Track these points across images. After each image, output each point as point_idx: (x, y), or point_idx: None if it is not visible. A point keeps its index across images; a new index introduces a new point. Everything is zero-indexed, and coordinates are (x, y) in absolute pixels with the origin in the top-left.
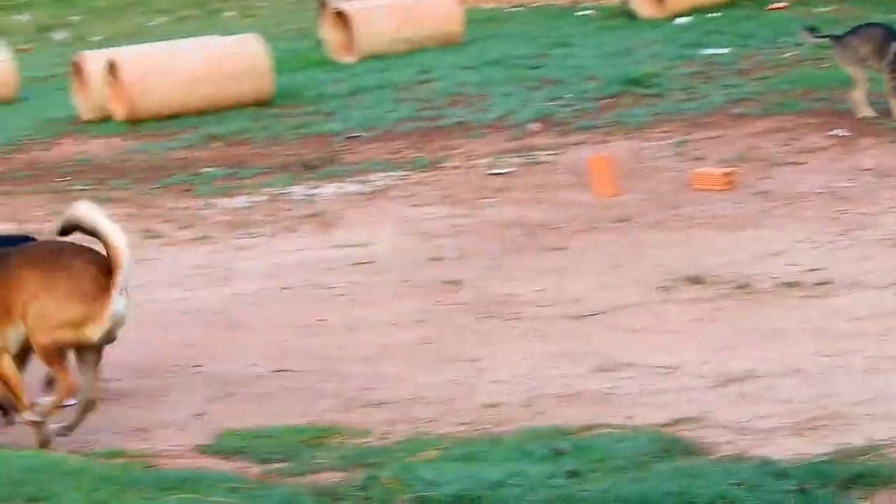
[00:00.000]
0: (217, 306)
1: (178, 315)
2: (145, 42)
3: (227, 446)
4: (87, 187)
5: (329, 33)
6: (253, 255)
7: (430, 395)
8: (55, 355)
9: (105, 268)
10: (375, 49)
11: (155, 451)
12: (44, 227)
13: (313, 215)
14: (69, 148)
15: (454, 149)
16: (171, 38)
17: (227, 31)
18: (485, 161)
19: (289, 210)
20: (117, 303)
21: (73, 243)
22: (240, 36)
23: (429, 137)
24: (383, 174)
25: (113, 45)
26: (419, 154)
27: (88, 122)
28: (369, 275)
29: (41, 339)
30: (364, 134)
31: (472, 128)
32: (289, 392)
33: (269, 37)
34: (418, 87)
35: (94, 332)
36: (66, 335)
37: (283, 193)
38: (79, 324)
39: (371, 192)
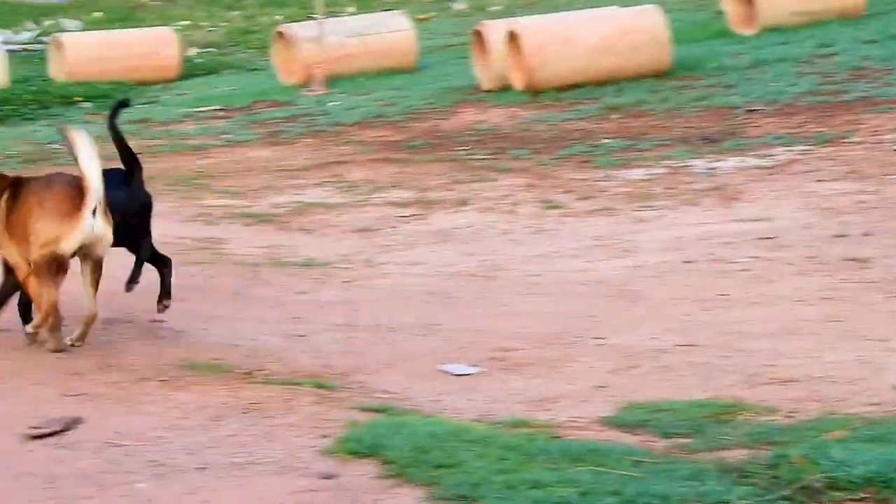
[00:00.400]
0: (618, 278)
1: (578, 286)
2: (544, 12)
3: (630, 419)
4: (486, 156)
5: (729, 5)
6: (653, 228)
7: (837, 373)
8: (44, 271)
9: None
10: (775, 21)
11: (558, 422)
12: (444, 196)
13: (714, 189)
14: (469, 117)
15: (859, 124)
16: (570, 9)
17: (624, 2)
18: (891, 137)
19: (689, 183)
20: (87, 221)
21: (64, 173)
22: (640, 7)
23: (831, 112)
24: (785, 148)
25: (512, 15)
26: (821, 129)
27: (488, 91)
28: (772, 250)
29: (34, 255)
30: (765, 107)
31: (878, 102)
32: (690, 366)
33: (667, 7)
34: (819, 60)
35: (67, 247)
36: (47, 251)
37: (683, 166)
38: (56, 240)
39: (773, 167)
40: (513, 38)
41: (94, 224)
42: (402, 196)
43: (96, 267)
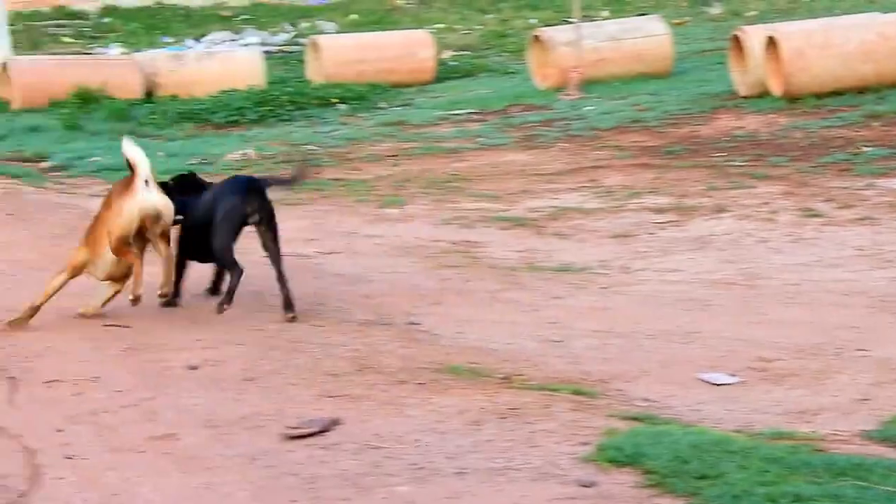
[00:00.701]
0: (881, 289)
1: (839, 296)
2: (802, 18)
3: (894, 433)
4: (744, 163)
5: None
6: None
7: None
8: (123, 246)
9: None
10: None
11: (820, 435)
12: (701, 203)
13: None
14: (726, 123)
15: None
16: (829, 15)
17: (885, 7)
18: None
19: None
20: (141, 193)
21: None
22: None
23: None
24: None
25: (768, 21)
26: None
27: (745, 97)
28: None
29: (113, 235)
30: None
31: None
32: None
33: None
34: None
35: (132, 217)
36: (120, 226)
37: None
38: (122, 214)
39: None
40: (771, 43)
41: (149, 196)
42: (659, 202)
43: (164, 238)
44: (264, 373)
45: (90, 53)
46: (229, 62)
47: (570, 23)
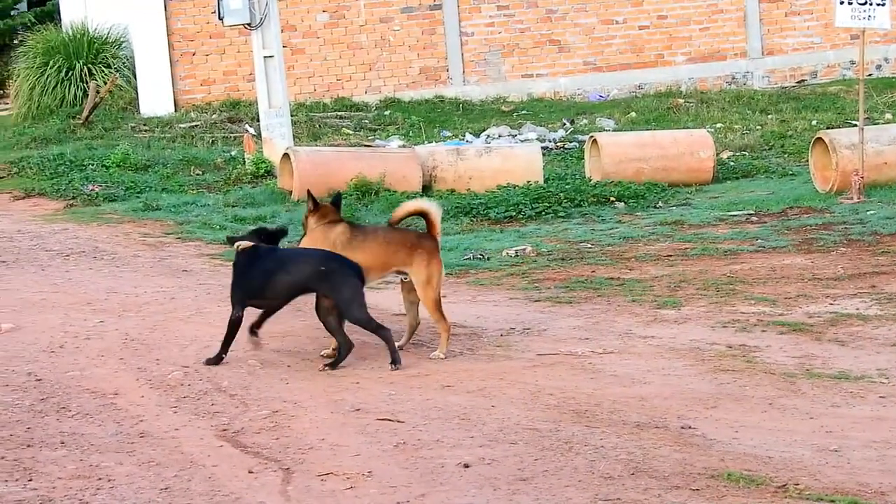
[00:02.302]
0: None
1: None
2: None
3: None
4: None
5: None
6: None
7: None
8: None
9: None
10: None
11: None
12: None
13: None
14: None
15: None
16: None
17: None
18: None
19: None
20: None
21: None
22: None
23: None
24: None
25: None
26: None
27: None
28: None
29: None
30: None
31: None
32: None
33: None
34: None
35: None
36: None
37: None
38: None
39: None
40: None
41: None
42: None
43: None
44: (538, 473)
45: (370, 146)
46: (510, 158)
47: (853, 125)
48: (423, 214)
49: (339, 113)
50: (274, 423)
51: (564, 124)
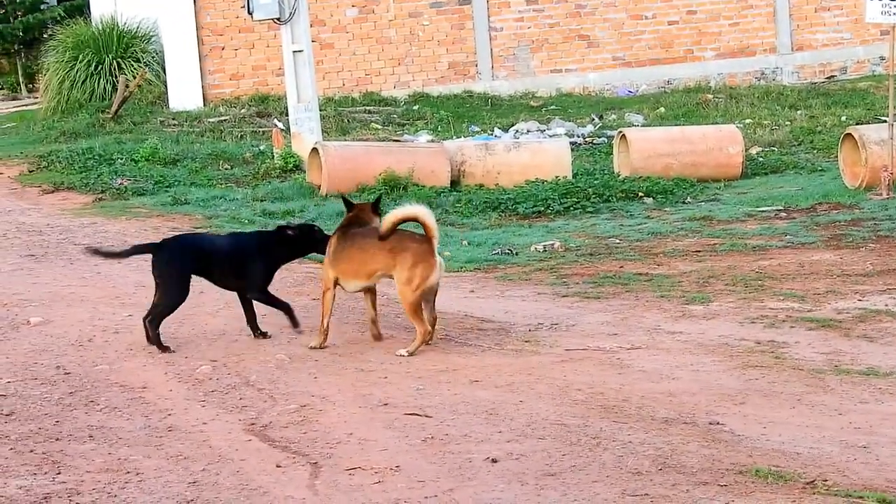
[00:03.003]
0: None
1: None
2: None
3: None
4: None
5: None
6: None
7: None
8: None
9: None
10: None
11: None
12: None
13: None
14: None
15: None
16: None
17: None
18: None
19: None
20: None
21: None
22: None
23: None
24: None
25: None
26: None
27: None
28: None
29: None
30: None
31: None
32: None
33: None
34: None
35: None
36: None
37: None
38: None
39: None
40: None
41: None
42: None
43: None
44: (566, 469)
45: (398, 140)
46: (538, 153)
47: (882, 121)
48: (415, 220)
49: (368, 107)
50: (302, 417)
51: (593, 119)
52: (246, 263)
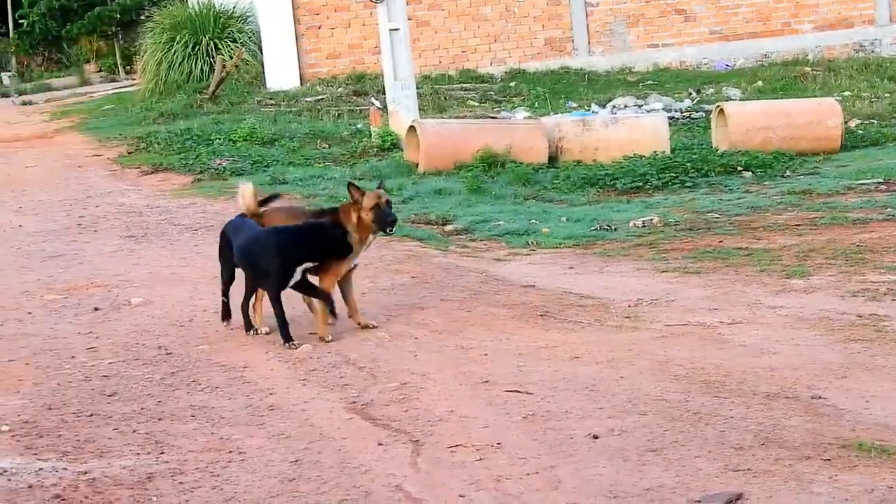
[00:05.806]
0: None
1: None
2: None
3: None
4: None
5: None
6: None
7: None
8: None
9: None
10: None
11: None
12: None
13: None
14: None
15: None
16: None
17: None
18: None
19: None
20: None
21: None
22: None
23: None
24: None
25: None
26: None
27: None
28: None
29: None
30: None
31: None
32: None
33: None
34: None
35: None
36: None
37: None
38: None
39: None
40: None
41: None
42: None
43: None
44: (668, 444)
45: (495, 117)
46: (636, 128)
47: None
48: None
49: (464, 85)
50: (403, 395)
51: (690, 94)
52: None
